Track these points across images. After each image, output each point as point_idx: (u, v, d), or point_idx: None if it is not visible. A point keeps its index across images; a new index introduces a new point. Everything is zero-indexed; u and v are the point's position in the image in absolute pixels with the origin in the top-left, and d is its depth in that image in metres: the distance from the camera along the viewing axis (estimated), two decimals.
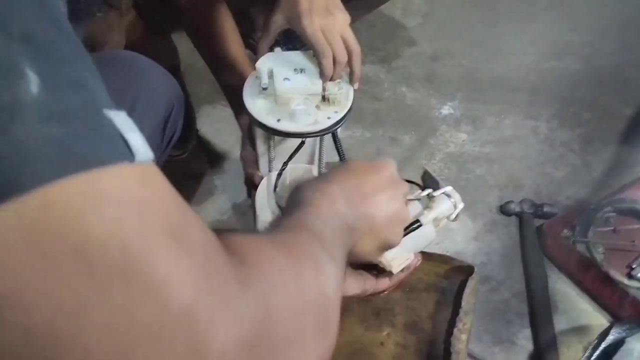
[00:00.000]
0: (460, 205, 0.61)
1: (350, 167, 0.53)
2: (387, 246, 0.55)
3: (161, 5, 1.00)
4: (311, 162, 0.94)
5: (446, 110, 1.36)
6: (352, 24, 0.78)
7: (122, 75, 0.78)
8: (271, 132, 0.76)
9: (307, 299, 0.36)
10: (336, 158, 0.83)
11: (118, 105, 0.78)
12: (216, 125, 1.33)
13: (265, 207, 0.92)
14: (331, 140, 0.82)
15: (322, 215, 0.45)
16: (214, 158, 1.27)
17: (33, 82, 0.24)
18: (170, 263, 0.26)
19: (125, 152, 0.26)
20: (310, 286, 0.37)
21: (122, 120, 0.28)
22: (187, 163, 1.23)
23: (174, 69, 1.25)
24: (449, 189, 0.60)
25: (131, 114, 0.89)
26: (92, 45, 1.03)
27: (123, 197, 0.25)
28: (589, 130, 1.30)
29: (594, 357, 0.73)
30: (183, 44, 1.30)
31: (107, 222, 0.24)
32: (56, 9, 0.27)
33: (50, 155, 0.24)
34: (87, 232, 0.24)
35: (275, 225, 0.44)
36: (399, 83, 1.43)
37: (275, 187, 0.83)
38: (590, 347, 0.75)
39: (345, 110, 0.75)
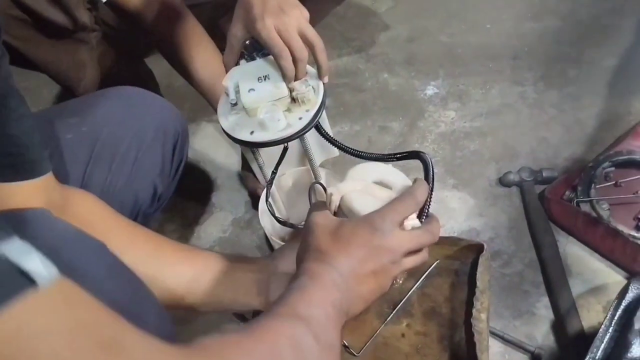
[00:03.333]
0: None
1: (347, 237, 0.55)
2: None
3: (131, 32, 0.99)
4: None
5: (431, 90, 1.35)
6: (324, 20, 0.76)
7: (126, 109, 0.80)
8: (248, 146, 0.76)
9: None
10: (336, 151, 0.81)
11: (129, 135, 0.74)
12: (202, 143, 1.32)
13: (266, 218, 0.91)
14: (317, 137, 0.80)
15: (312, 302, 0.49)
16: (206, 176, 1.26)
17: None
18: None
19: (24, 283, 0.25)
20: None
21: (14, 248, 0.27)
22: (182, 185, 1.22)
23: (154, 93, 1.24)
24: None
25: (141, 145, 0.89)
26: (68, 83, 1.03)
27: (36, 329, 0.25)
28: (577, 87, 1.29)
29: (617, 317, 0.72)
30: (158, 65, 1.28)
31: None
32: None
33: None
34: None
35: (264, 313, 0.48)
36: (379, 70, 1.42)
37: (267, 197, 0.82)
38: (612, 307, 0.74)
39: (316, 107, 0.74)
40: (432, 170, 0.63)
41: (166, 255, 0.67)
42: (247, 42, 0.76)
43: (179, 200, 1.19)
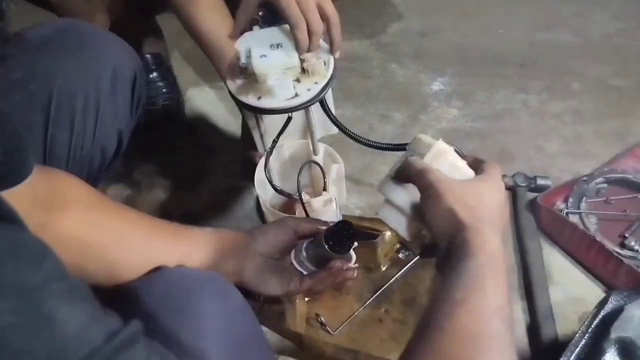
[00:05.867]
0: None
1: (487, 197, 0.56)
2: None
3: None
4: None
5: (437, 86, 1.35)
6: (339, 2, 0.77)
7: (76, 53, 0.73)
8: (253, 111, 0.75)
9: None
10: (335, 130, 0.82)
11: (84, 83, 0.69)
12: (204, 108, 1.31)
13: (261, 186, 0.91)
14: (319, 113, 0.80)
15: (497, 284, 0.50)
16: (202, 142, 1.25)
17: None
18: None
19: None
20: None
21: None
22: (178, 147, 1.21)
23: (159, 50, 1.23)
24: None
25: (99, 96, 0.84)
26: None
27: None
28: (579, 102, 1.30)
29: (593, 325, 0.73)
30: (166, 26, 1.27)
31: None
32: None
33: None
34: None
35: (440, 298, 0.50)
36: (388, 60, 1.42)
37: (266, 165, 0.82)
38: (590, 316, 0.75)
39: (326, 81, 0.74)
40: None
41: (156, 240, 0.66)
42: (260, 13, 0.76)
43: (173, 163, 1.18)
